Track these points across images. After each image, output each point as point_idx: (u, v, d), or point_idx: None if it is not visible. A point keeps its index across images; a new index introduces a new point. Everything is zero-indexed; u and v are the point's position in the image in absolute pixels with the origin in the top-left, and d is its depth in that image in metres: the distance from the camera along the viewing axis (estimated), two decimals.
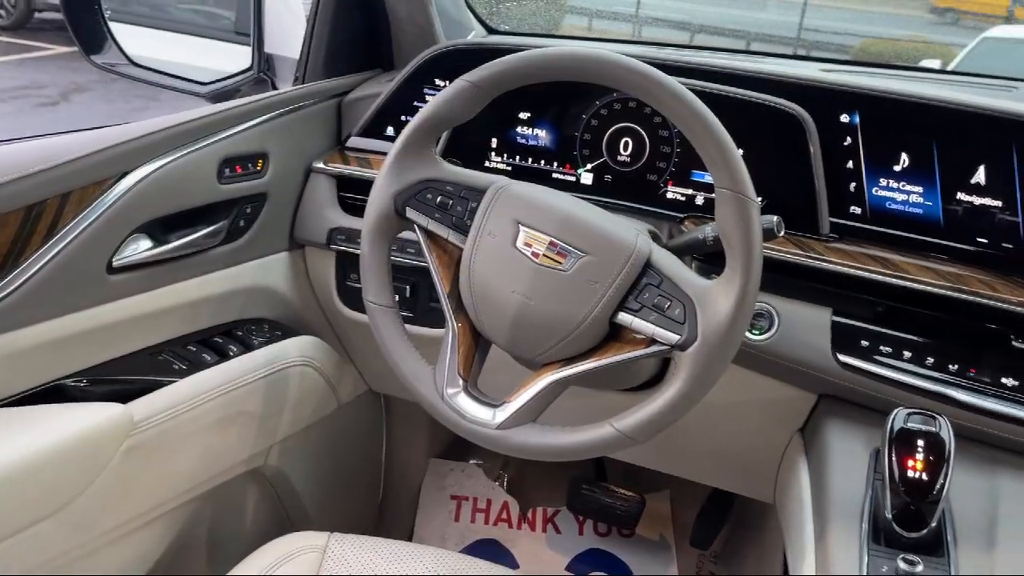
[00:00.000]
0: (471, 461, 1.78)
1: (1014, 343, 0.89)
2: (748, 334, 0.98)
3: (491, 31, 1.52)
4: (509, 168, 1.16)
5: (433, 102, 0.87)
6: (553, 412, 0.83)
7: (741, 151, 0.94)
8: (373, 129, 1.24)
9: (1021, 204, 0.91)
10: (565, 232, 0.82)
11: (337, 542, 1.01)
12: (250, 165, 1.15)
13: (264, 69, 1.43)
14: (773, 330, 0.98)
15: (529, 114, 1.14)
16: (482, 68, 0.84)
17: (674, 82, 0.77)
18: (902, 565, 0.73)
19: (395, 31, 1.39)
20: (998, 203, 0.92)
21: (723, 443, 1.20)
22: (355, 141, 1.25)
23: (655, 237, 0.97)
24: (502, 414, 0.83)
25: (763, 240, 0.78)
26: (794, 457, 1.03)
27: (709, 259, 1.01)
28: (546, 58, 0.81)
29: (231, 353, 1.13)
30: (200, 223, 1.10)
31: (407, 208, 0.89)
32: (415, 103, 1.20)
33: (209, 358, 1.11)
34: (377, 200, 0.89)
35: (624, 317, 0.80)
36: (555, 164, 1.14)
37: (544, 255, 0.82)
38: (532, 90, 0.88)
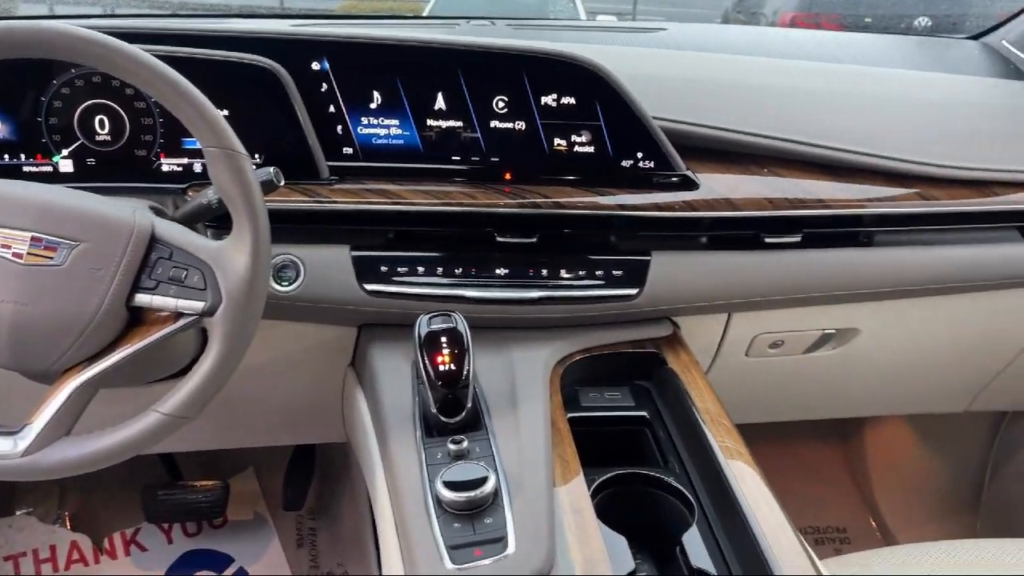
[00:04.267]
0: (18, 512, 1.55)
1: (498, 238, 1.05)
2: (277, 287, 1.00)
3: None
4: None
5: None
6: (105, 422, 0.77)
7: (227, 112, 0.94)
8: None
9: (477, 122, 1.06)
10: (47, 224, 0.74)
11: None
12: None
13: None
14: (301, 278, 1.01)
15: None
16: None
17: (132, 48, 0.73)
18: (451, 446, 0.84)
19: None
20: (460, 123, 1.06)
21: (285, 399, 1.22)
22: None
23: (159, 212, 0.93)
24: (24, 440, 0.74)
25: (265, 192, 0.80)
26: (352, 390, 1.10)
27: (222, 222, 1.00)
28: None
29: None
30: None
31: None
32: None
33: None
34: None
35: (142, 298, 0.76)
36: (23, 156, 1.01)
37: (29, 253, 0.73)
38: None
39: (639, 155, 1.07)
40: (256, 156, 1.02)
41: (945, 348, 1.38)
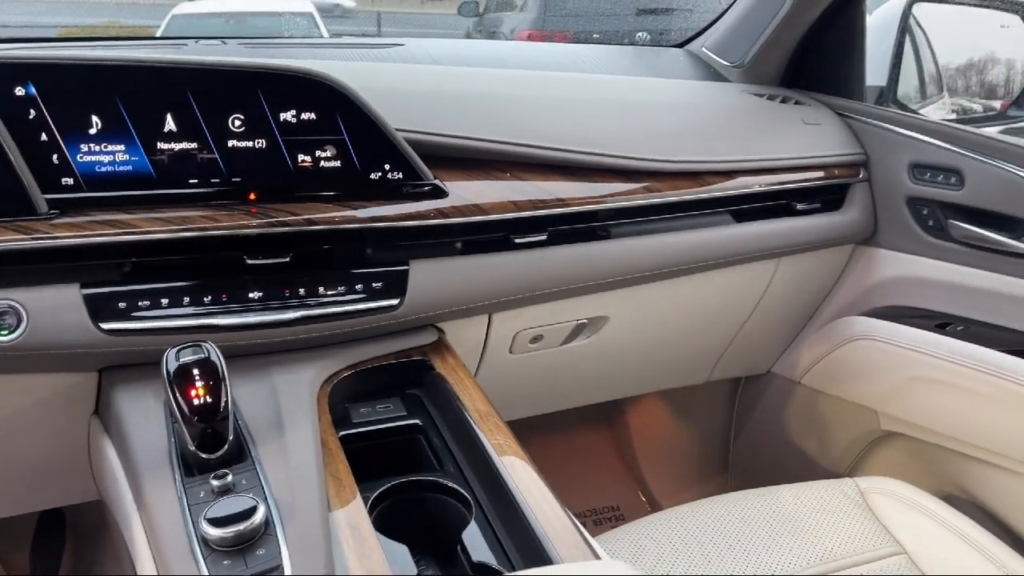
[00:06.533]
0: None
1: (248, 261, 1.01)
2: None
3: None
4: None
5: None
6: None
7: None
8: None
9: (213, 143, 1.01)
10: None
11: None
12: None
13: None
14: (23, 325, 0.91)
15: None
16: None
17: None
18: (215, 482, 0.79)
19: None
20: (195, 145, 1.00)
21: (20, 461, 1.09)
22: None
23: None
24: None
25: None
26: (98, 440, 1.00)
27: None
28: None
29: None
30: None
31: None
32: None
33: None
34: None
35: None
36: None
37: None
38: None
39: (387, 167, 1.08)
40: None
41: (682, 326, 1.52)
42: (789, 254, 1.48)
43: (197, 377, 0.83)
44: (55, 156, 0.95)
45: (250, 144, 1.02)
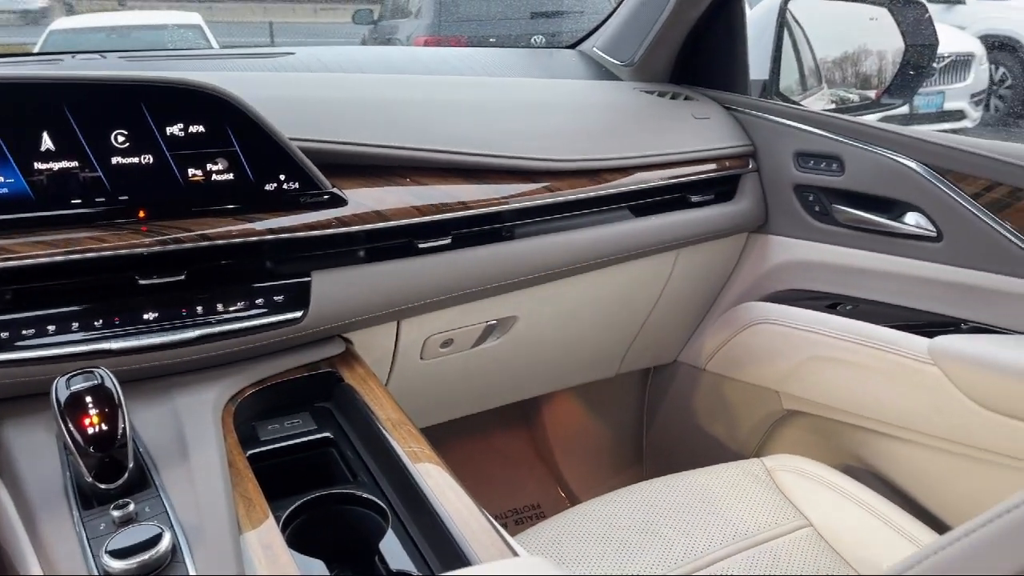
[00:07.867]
0: None
1: (141, 282, 0.97)
2: None
3: None
4: None
5: None
6: None
7: None
8: None
9: (96, 161, 0.97)
10: None
11: None
12: None
13: None
14: None
15: None
16: None
17: None
18: (115, 513, 0.76)
19: None
20: (76, 164, 0.96)
21: None
22: None
23: None
24: None
25: None
26: None
27: None
28: None
29: None
30: None
31: None
32: None
33: None
34: None
35: None
36: None
37: None
38: None
39: (282, 177, 1.06)
40: None
41: (590, 321, 1.55)
42: (687, 245, 1.53)
43: (91, 405, 0.80)
44: None
45: (136, 160, 0.99)
